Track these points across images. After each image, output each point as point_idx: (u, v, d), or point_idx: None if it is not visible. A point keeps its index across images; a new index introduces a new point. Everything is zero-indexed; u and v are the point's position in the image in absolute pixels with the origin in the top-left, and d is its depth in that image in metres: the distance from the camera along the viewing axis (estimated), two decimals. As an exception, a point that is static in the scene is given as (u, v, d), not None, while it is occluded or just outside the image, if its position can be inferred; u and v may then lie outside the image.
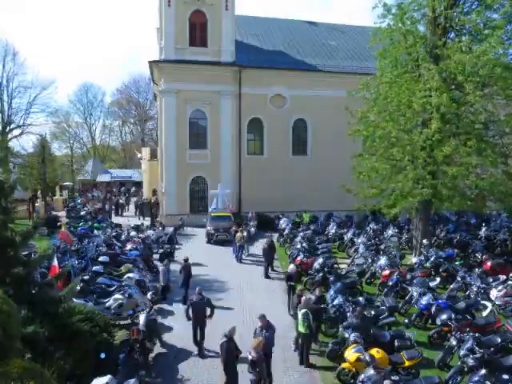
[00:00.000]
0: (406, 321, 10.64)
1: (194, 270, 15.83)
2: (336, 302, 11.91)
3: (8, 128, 37.57)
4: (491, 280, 14.39)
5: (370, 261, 17.04)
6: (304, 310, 10.34)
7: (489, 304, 12.96)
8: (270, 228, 25.47)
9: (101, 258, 16.24)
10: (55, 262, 11.65)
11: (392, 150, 17.17)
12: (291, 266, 14.67)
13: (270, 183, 28.31)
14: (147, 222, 28.23)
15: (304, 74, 29.68)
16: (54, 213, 31.64)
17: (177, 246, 21.19)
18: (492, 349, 9.51)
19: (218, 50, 27.99)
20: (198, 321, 11.00)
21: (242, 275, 17.46)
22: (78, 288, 12.01)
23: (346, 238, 21.96)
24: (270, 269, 17.77)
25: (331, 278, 14.05)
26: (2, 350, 6.52)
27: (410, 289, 13.59)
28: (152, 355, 10.47)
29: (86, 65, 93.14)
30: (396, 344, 9.77)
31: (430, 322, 12.03)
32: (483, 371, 8.29)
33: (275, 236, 22.63)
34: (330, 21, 42.93)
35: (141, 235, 21.79)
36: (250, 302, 14.40)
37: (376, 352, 8.95)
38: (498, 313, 12.82)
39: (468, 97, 15.40)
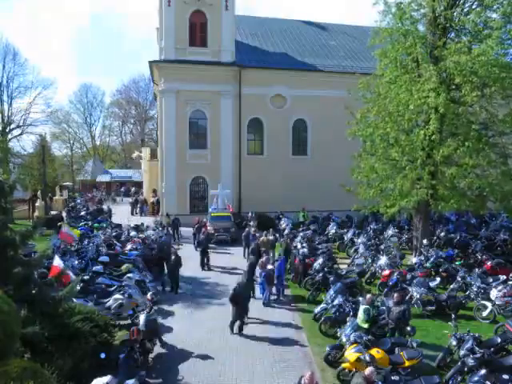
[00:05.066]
0: (409, 328, 10.60)
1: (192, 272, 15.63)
2: (336, 302, 11.88)
3: (8, 128, 37.49)
4: (491, 280, 14.39)
5: (369, 261, 17.05)
6: (365, 307, 10.60)
7: (489, 304, 12.97)
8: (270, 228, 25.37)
9: (101, 258, 16.24)
10: (55, 262, 11.64)
11: (391, 151, 17.17)
12: None
13: (270, 183, 28.33)
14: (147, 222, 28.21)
15: (304, 74, 29.67)
16: (54, 212, 31.67)
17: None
18: (492, 349, 9.50)
19: (218, 50, 27.99)
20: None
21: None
22: (78, 288, 11.99)
23: (346, 238, 21.97)
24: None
25: (331, 278, 14.05)
26: (1, 349, 6.52)
27: (410, 289, 13.59)
28: (152, 355, 10.47)
29: (86, 65, 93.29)
30: (397, 351, 9.51)
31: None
32: (483, 371, 8.28)
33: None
34: (329, 21, 42.80)
35: (141, 235, 21.78)
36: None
37: (376, 352, 8.95)
38: (498, 313, 12.83)
39: (466, 98, 15.42)
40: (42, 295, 8.84)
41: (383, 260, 16.46)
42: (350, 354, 9.16)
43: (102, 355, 8.90)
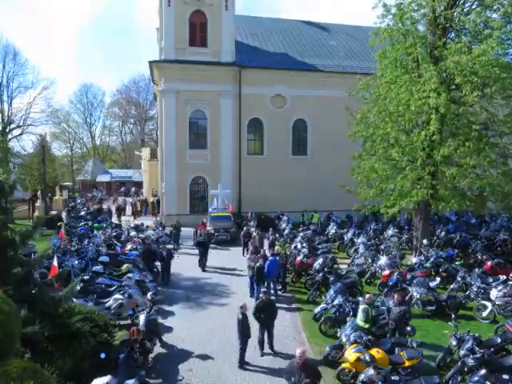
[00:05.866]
0: (409, 328, 10.61)
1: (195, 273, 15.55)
2: (336, 301, 11.88)
3: (8, 128, 37.43)
4: (491, 280, 14.38)
5: (370, 261, 17.04)
6: (364, 306, 10.59)
7: (489, 304, 12.96)
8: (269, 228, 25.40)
9: (101, 258, 16.24)
10: (55, 262, 11.64)
11: (392, 151, 17.17)
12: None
13: (270, 183, 28.33)
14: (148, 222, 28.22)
15: (304, 74, 29.68)
16: (54, 212, 31.65)
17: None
18: (492, 349, 9.49)
19: (218, 50, 28.00)
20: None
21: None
22: (78, 288, 11.99)
23: (346, 238, 21.97)
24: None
25: (331, 278, 14.04)
26: (1, 349, 6.51)
27: (410, 289, 13.58)
28: (152, 355, 10.47)
29: (86, 65, 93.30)
30: (397, 351, 9.46)
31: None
32: (483, 371, 8.27)
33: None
34: (330, 21, 42.87)
35: (141, 235, 21.77)
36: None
37: (376, 352, 8.94)
38: (498, 313, 12.82)
39: (466, 98, 15.41)
40: (42, 295, 8.83)
41: (383, 260, 16.45)
42: (350, 353, 9.16)
43: (102, 355, 8.89)
